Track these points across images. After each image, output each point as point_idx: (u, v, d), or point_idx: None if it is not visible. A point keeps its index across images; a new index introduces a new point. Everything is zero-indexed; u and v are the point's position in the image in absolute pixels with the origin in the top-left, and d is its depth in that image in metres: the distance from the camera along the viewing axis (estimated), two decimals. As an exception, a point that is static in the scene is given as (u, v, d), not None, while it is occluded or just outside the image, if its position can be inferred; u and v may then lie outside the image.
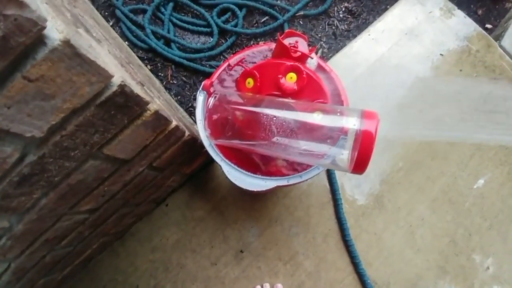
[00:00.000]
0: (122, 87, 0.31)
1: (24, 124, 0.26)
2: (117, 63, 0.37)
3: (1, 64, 0.22)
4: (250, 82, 0.55)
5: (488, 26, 1.26)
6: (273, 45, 0.59)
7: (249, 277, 0.79)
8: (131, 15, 0.99)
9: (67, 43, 0.22)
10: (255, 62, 0.60)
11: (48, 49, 0.22)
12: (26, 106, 0.24)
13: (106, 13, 1.07)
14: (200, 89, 0.57)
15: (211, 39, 1.00)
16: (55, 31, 0.22)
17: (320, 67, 0.58)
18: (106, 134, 0.35)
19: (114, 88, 0.30)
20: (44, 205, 0.39)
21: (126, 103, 0.33)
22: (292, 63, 0.52)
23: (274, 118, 0.49)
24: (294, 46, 0.54)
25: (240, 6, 1.02)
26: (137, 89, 0.35)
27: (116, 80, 0.30)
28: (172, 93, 0.99)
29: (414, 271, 0.79)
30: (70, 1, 0.55)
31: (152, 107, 0.39)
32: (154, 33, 0.99)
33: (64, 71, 0.24)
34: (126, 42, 1.02)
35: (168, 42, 1.00)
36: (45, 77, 0.23)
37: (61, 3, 0.35)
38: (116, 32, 1.03)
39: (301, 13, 1.05)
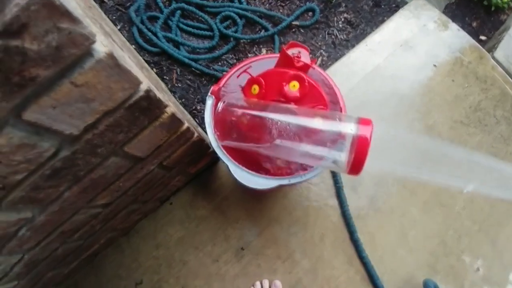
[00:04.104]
0: (148, 92, 0.34)
1: (65, 123, 0.29)
2: (138, 70, 0.41)
3: (53, 70, 0.25)
4: (255, 89, 0.59)
5: (482, 38, 1.31)
6: (276, 56, 0.63)
7: (249, 274, 0.82)
8: (147, 22, 1.04)
9: (110, 55, 0.26)
10: (260, 71, 0.64)
11: (95, 60, 0.26)
12: (69, 107, 0.28)
13: (114, 17, 1.10)
14: (209, 93, 0.61)
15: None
16: (101, 44, 0.26)
17: (323, 79, 0.63)
18: (129, 133, 0.39)
19: (141, 93, 0.34)
20: (67, 198, 0.42)
21: (149, 106, 0.37)
22: (295, 72, 0.57)
23: (278, 122, 0.53)
24: (297, 57, 0.58)
25: (240, 16, 1.09)
26: (158, 94, 0.39)
27: (143, 86, 0.34)
28: (176, 96, 1.03)
29: (406, 270, 0.83)
30: (88, 9, 0.59)
31: (169, 110, 0.42)
32: (164, 37, 1.04)
33: (104, 78, 0.28)
34: (133, 46, 1.06)
35: (176, 46, 1.05)
36: (89, 84, 0.27)
37: (92, 15, 0.39)
38: (124, 36, 1.07)
39: (297, 23, 1.10)
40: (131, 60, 0.43)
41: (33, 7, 0.21)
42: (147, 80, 0.39)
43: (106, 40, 0.27)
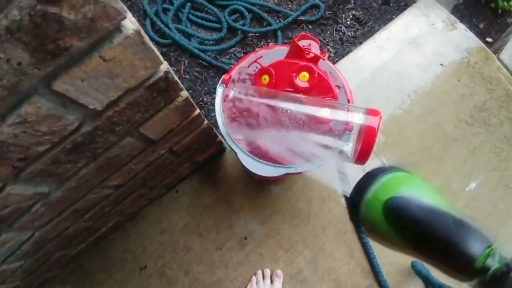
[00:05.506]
0: (167, 73, 0.36)
1: (91, 97, 0.31)
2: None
3: (86, 42, 0.26)
4: (265, 79, 0.60)
5: (489, 39, 1.32)
6: (286, 47, 0.64)
7: (252, 262, 0.84)
8: (161, 13, 1.05)
9: (138, 32, 0.28)
10: (270, 61, 0.65)
11: (124, 36, 0.27)
12: (96, 81, 0.30)
13: (124, 8, 1.12)
14: (220, 82, 0.63)
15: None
16: (129, 21, 0.27)
17: (332, 71, 0.64)
18: (145, 114, 0.40)
19: (161, 74, 0.35)
20: (84, 175, 0.44)
21: (166, 88, 0.39)
22: (305, 63, 0.58)
23: (287, 111, 0.55)
24: (307, 48, 0.60)
25: (248, 10, 1.10)
26: (175, 77, 0.40)
27: (163, 67, 0.35)
28: (184, 87, 1.04)
29: (405, 263, 0.84)
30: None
31: (184, 93, 0.44)
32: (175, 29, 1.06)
33: (130, 55, 0.29)
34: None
35: (187, 37, 1.06)
36: (116, 59, 0.28)
37: None
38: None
39: (303, 18, 1.11)
40: (149, 44, 0.44)
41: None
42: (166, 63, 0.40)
43: (133, 18, 0.28)
